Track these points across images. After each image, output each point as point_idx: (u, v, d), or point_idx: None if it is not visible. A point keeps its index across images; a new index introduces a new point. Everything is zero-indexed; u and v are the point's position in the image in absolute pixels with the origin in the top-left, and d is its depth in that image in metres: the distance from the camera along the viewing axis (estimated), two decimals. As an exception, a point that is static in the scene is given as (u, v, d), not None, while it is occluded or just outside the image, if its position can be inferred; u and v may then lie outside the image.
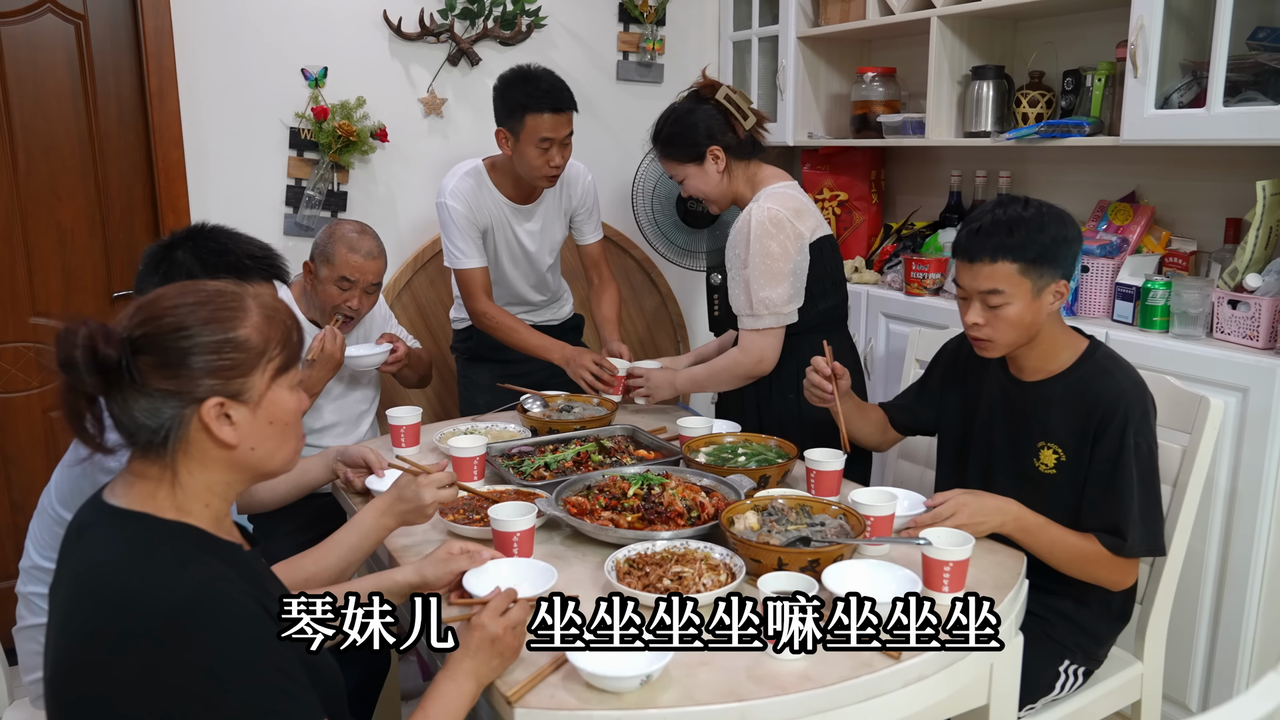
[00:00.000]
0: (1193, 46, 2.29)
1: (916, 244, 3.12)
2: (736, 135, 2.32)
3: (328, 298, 2.44)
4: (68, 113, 2.82)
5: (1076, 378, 1.80)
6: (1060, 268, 1.75)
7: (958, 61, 2.86)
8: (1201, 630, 2.23)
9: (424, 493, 1.60)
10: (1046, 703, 1.80)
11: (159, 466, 1.13)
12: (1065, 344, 1.83)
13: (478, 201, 2.70)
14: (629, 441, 2.23)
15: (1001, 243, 1.72)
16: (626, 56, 3.57)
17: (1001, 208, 1.77)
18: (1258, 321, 2.15)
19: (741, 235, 2.26)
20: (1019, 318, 1.75)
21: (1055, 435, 1.80)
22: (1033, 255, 1.72)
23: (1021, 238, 1.72)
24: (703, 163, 2.32)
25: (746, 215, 2.27)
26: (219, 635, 1.03)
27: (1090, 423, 1.75)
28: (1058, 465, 1.80)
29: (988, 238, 1.74)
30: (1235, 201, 2.39)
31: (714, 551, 1.60)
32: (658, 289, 3.75)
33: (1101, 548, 1.72)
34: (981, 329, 1.79)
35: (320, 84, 3.05)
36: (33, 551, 1.70)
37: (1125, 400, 1.72)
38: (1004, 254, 1.72)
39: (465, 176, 2.71)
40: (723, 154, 2.31)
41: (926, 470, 2.36)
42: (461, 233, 2.68)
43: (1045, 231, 1.72)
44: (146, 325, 1.11)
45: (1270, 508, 2.10)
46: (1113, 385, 1.75)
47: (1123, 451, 1.71)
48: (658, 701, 1.25)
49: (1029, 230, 1.72)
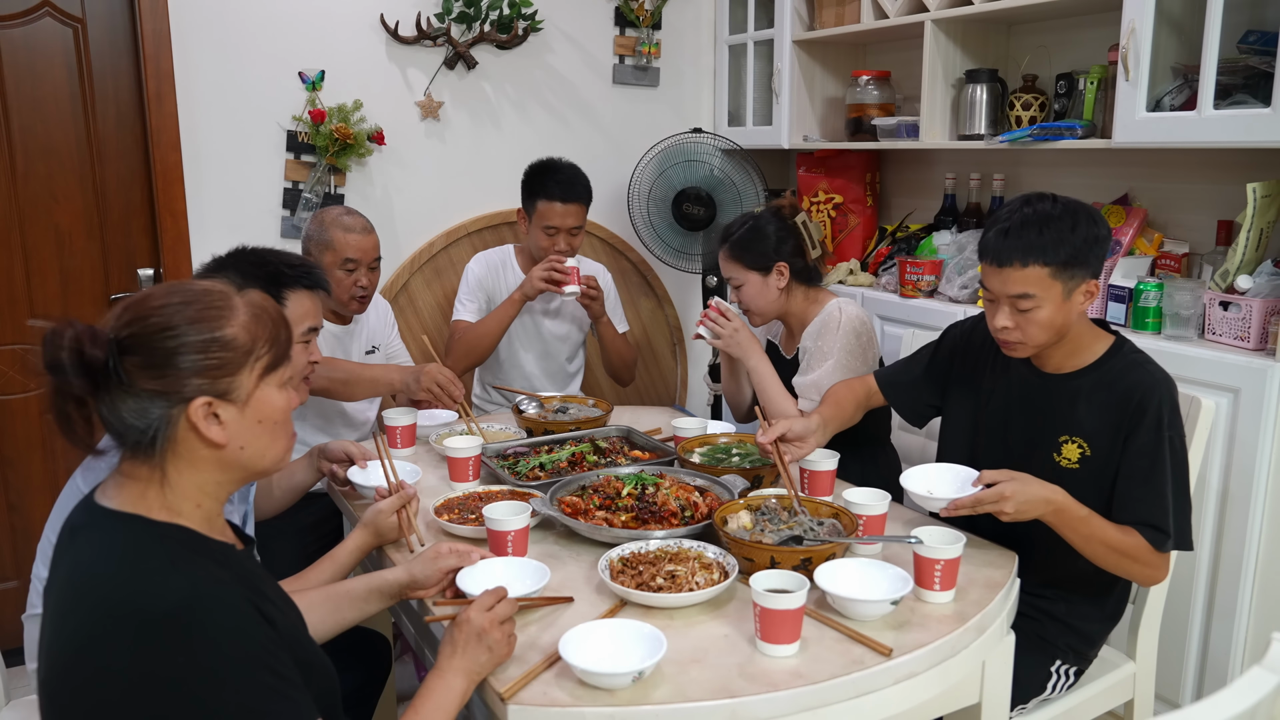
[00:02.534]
0: (1184, 50, 2.30)
1: (911, 246, 3.13)
2: (804, 259, 2.37)
3: (337, 284, 2.46)
4: (66, 116, 2.83)
5: (1106, 371, 1.75)
6: (1091, 267, 1.67)
7: (951, 65, 2.88)
8: (1194, 630, 2.24)
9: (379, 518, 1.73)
10: (1039, 703, 1.81)
11: (148, 467, 1.13)
12: (1093, 338, 1.78)
13: (499, 273, 2.94)
14: (624, 442, 2.24)
15: (1032, 244, 1.65)
16: (622, 60, 3.58)
17: (1029, 206, 1.69)
18: (1249, 323, 2.16)
19: (830, 327, 2.28)
20: (1050, 320, 1.69)
21: (1081, 429, 1.75)
22: (1064, 258, 1.64)
23: (1052, 239, 1.64)
24: (767, 275, 2.34)
25: (835, 311, 2.30)
26: (212, 638, 1.03)
27: (1124, 416, 1.70)
28: (1081, 460, 1.75)
29: (1017, 239, 1.66)
30: (1227, 204, 2.40)
31: (707, 550, 1.61)
32: (654, 291, 3.76)
33: (1143, 542, 1.67)
34: (1011, 332, 1.73)
35: (317, 87, 3.06)
36: (48, 529, 1.68)
37: (1159, 393, 1.68)
38: (1035, 257, 1.65)
39: (496, 251, 3.02)
40: (787, 272, 2.34)
41: (929, 442, 2.36)
42: (469, 290, 2.92)
43: (1077, 231, 1.65)
44: (133, 325, 1.10)
45: (1262, 507, 2.11)
46: (1146, 378, 1.71)
47: (1160, 446, 1.67)
48: (650, 698, 1.26)
49: (1060, 230, 1.65)
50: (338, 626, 1.53)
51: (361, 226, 2.51)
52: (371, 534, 1.73)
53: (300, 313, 1.82)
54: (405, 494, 1.75)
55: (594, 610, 1.50)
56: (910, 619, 1.47)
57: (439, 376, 2.30)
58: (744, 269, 2.35)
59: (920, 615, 1.49)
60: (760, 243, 2.33)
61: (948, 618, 1.48)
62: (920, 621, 1.47)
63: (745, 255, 2.34)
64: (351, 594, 1.54)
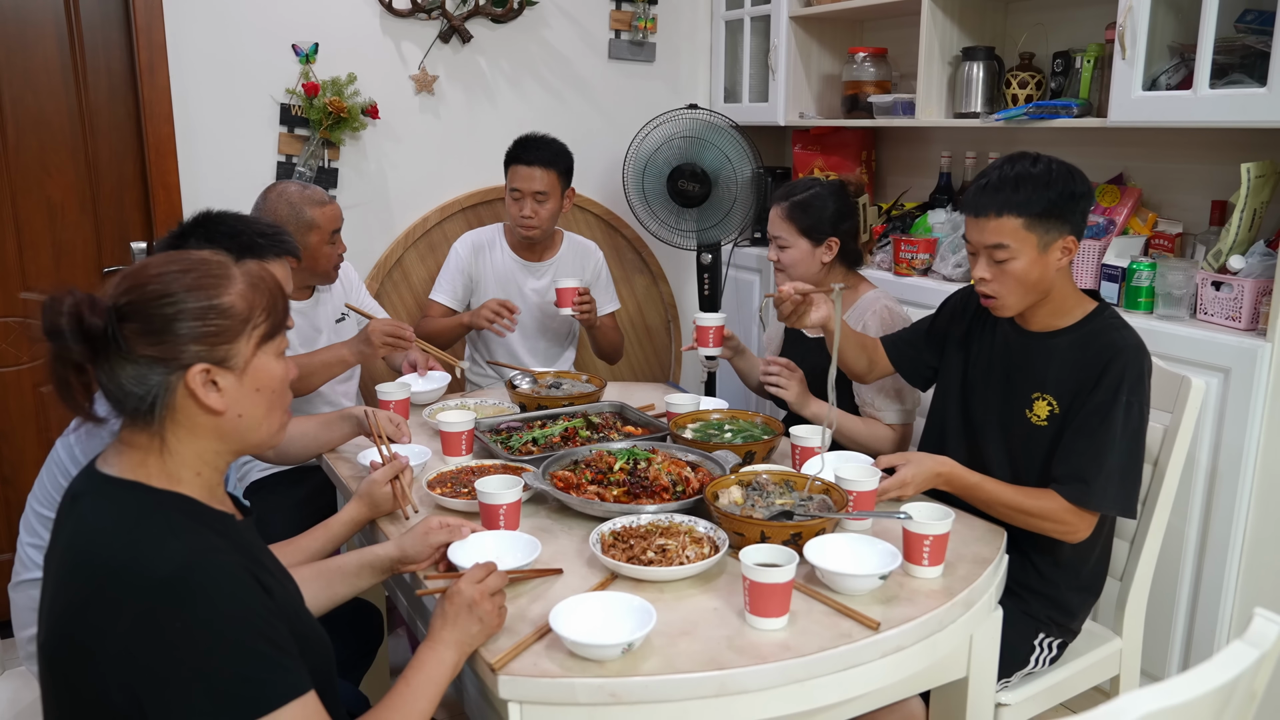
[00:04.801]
0: (1181, 29, 2.30)
1: (906, 225, 3.12)
2: (855, 242, 2.36)
3: (325, 258, 2.46)
4: (57, 87, 2.81)
5: (1084, 332, 1.81)
6: (1068, 223, 1.76)
7: (948, 42, 2.87)
8: (1180, 606, 2.26)
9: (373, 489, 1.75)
10: (1022, 676, 1.83)
11: (147, 434, 1.14)
12: (1076, 301, 1.84)
13: (486, 253, 2.97)
14: (617, 418, 2.25)
15: (1008, 198, 1.74)
16: (619, 35, 3.56)
17: (1010, 164, 1.78)
18: (1240, 303, 2.16)
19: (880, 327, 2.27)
20: (1025, 273, 1.76)
21: (1051, 387, 1.81)
22: (1038, 210, 1.73)
23: (1028, 193, 1.73)
24: (817, 245, 2.31)
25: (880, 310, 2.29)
26: (209, 605, 1.04)
27: (1089, 375, 1.76)
28: (1050, 418, 1.81)
29: (995, 193, 1.76)
30: (1221, 183, 2.40)
31: (698, 525, 1.62)
32: (648, 268, 3.76)
33: (1058, 503, 1.73)
34: (989, 284, 1.80)
35: (311, 60, 3.04)
36: (32, 500, 1.69)
37: (1125, 357, 1.74)
38: (1009, 209, 1.74)
39: (485, 230, 3.04)
40: (836, 248, 2.32)
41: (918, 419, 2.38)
42: (449, 272, 2.96)
43: (1052, 187, 1.73)
44: (132, 293, 1.11)
45: (1249, 486, 2.13)
46: (1117, 340, 1.76)
47: (1113, 406, 1.72)
48: (640, 670, 1.27)
49: (1035, 185, 1.73)
50: (330, 601, 1.54)
51: (326, 196, 2.50)
52: (367, 505, 1.75)
53: None
54: (398, 464, 1.77)
55: (585, 583, 1.51)
56: (899, 594, 1.48)
57: (385, 328, 2.33)
58: (796, 233, 2.31)
59: (908, 590, 1.50)
60: (820, 211, 2.30)
61: (936, 593, 1.49)
62: (908, 596, 1.48)
63: (802, 219, 2.30)
64: (343, 569, 1.55)
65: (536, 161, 2.80)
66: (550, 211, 2.85)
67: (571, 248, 3.05)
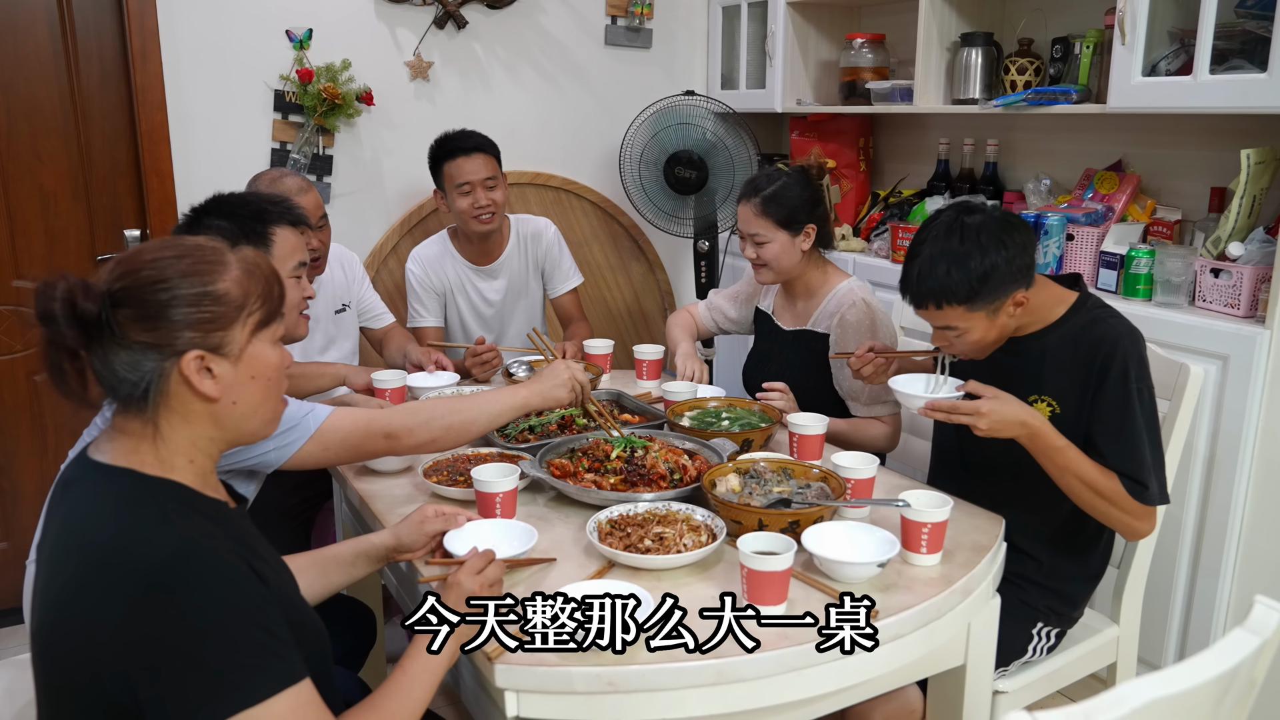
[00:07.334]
0: (1181, 14, 2.28)
1: (904, 212, 3.12)
2: (828, 224, 2.33)
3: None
4: (49, 73, 2.79)
5: (1070, 327, 1.78)
6: (1009, 285, 1.70)
7: (947, 28, 2.85)
8: (1178, 594, 2.26)
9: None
10: (1020, 665, 1.82)
11: (141, 421, 1.13)
12: (1055, 299, 1.81)
13: (439, 266, 2.87)
14: (614, 405, 2.24)
15: (939, 288, 1.70)
16: (615, 21, 3.54)
17: (935, 242, 1.71)
18: (1239, 290, 2.16)
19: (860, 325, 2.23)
20: (983, 338, 1.75)
21: (1049, 388, 1.78)
22: (971, 293, 1.69)
23: (958, 279, 1.68)
24: (796, 235, 2.27)
25: (859, 303, 2.25)
26: (203, 592, 1.03)
27: (1090, 372, 1.73)
28: (1051, 419, 1.76)
29: (928, 282, 1.71)
30: (1220, 170, 2.39)
31: (695, 513, 1.62)
32: (645, 255, 3.74)
33: (1122, 488, 1.69)
34: (955, 349, 1.80)
35: (305, 46, 3.02)
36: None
37: (1123, 346, 1.71)
38: (945, 299, 1.70)
39: (431, 243, 2.91)
40: (814, 234, 2.29)
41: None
42: (417, 295, 2.88)
43: (986, 260, 1.67)
44: (125, 279, 1.10)
45: (1247, 473, 2.12)
46: (1109, 332, 1.73)
47: (1129, 399, 1.69)
48: (637, 658, 1.27)
49: (965, 269, 1.68)
50: (325, 591, 1.53)
51: (298, 188, 2.43)
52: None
53: (288, 249, 1.81)
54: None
55: (582, 571, 1.50)
56: (897, 581, 1.48)
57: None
58: (774, 226, 2.26)
59: (906, 578, 1.49)
60: (792, 201, 2.26)
61: (934, 580, 1.49)
62: (906, 584, 1.47)
63: (777, 211, 2.26)
64: (338, 558, 1.55)
65: (475, 149, 2.73)
66: (503, 196, 2.77)
67: (519, 242, 2.91)
